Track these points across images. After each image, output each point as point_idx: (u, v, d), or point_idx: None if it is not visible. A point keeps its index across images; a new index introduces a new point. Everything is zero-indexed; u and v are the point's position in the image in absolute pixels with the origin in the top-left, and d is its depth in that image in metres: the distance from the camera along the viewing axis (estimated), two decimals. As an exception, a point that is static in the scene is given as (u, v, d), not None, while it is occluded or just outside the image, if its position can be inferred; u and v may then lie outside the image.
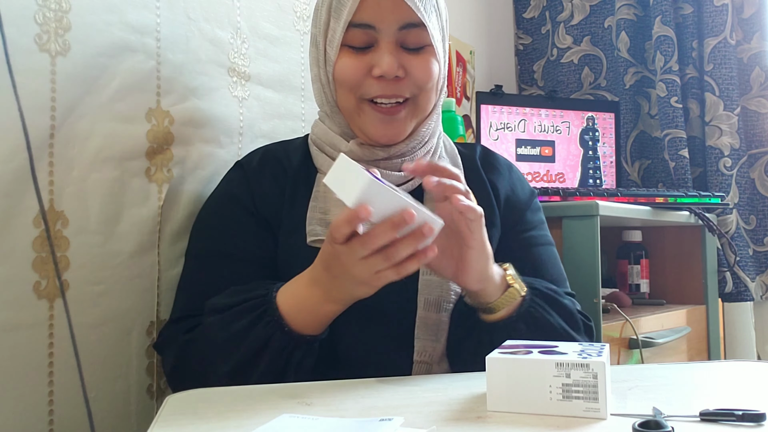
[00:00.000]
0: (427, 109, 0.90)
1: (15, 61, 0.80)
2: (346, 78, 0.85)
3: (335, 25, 0.85)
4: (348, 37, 0.84)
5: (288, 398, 0.65)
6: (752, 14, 1.93)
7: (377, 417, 0.56)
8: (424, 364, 0.83)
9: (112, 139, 0.92)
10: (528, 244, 0.94)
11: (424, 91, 0.87)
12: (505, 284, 0.81)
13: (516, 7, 2.26)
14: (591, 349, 0.61)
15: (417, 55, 0.86)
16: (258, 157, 0.95)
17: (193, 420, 0.59)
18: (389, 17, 0.83)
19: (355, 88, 0.86)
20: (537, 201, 1.01)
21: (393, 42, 0.84)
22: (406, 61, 0.85)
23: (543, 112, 1.86)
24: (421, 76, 0.86)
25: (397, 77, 0.84)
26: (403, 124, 0.88)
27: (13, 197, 0.80)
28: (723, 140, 1.88)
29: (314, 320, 0.76)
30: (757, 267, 1.91)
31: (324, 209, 0.87)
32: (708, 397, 0.64)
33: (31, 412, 0.83)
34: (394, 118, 0.86)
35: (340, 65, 0.85)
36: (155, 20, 0.98)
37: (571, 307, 0.85)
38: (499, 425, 0.55)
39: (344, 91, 0.87)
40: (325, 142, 0.92)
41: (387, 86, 0.85)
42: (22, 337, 0.82)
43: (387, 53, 0.83)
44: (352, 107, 0.87)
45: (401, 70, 0.84)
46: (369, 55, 0.85)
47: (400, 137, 0.89)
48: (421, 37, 0.85)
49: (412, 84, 0.86)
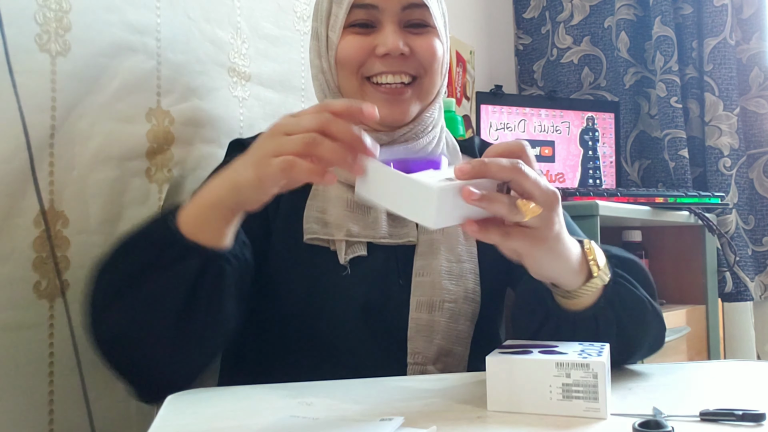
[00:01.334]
0: (431, 92, 0.89)
1: (15, 61, 0.80)
2: (349, 57, 0.85)
3: (337, 9, 0.86)
4: (351, 19, 0.85)
5: (288, 398, 0.65)
6: (751, 15, 1.93)
7: (377, 417, 0.56)
8: (417, 365, 0.82)
9: (112, 139, 0.92)
10: None
11: (428, 72, 0.87)
12: (586, 270, 0.69)
13: (516, 7, 2.26)
14: (591, 349, 0.61)
15: (420, 35, 0.86)
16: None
17: (193, 420, 0.59)
18: None
19: (359, 67, 0.86)
20: None
21: (396, 22, 0.85)
22: (411, 41, 0.85)
23: (543, 112, 1.86)
24: (426, 55, 0.86)
25: (402, 55, 0.84)
26: (408, 104, 0.87)
27: (14, 197, 0.80)
28: (722, 140, 1.88)
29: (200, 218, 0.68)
30: (756, 267, 1.91)
31: (322, 208, 0.86)
32: (708, 397, 0.64)
33: (31, 412, 0.83)
34: (399, 98, 0.86)
35: (343, 45, 0.85)
36: (155, 20, 0.98)
37: (645, 269, 0.79)
38: (499, 425, 0.55)
39: (347, 73, 0.86)
40: None
41: (392, 63, 0.85)
42: (22, 337, 0.82)
43: (391, 32, 0.84)
44: (355, 89, 0.87)
45: (406, 48, 0.84)
46: (372, 35, 0.85)
47: (406, 118, 0.88)
48: (423, 16, 0.85)
49: (417, 63, 0.86)
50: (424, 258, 0.85)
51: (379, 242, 0.85)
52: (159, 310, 0.68)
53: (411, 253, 0.86)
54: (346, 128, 0.61)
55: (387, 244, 0.85)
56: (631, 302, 0.73)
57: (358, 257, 0.83)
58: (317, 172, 0.60)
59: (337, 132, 0.61)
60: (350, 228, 0.84)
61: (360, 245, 0.84)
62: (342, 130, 0.61)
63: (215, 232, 0.68)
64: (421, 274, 0.84)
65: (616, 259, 0.75)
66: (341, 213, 0.84)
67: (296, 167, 0.60)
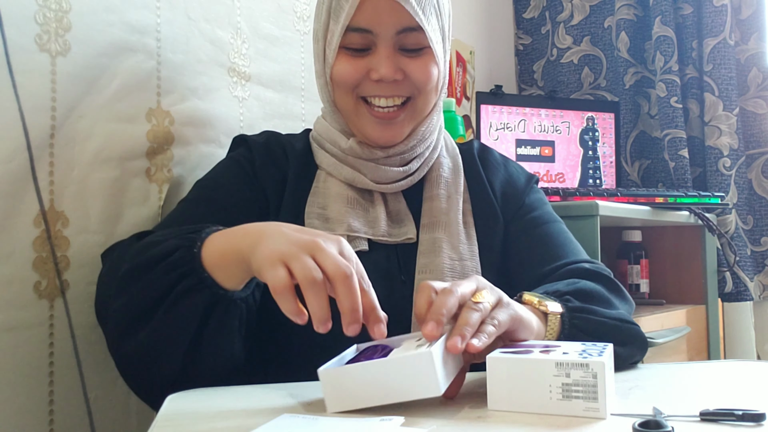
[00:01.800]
0: (425, 110, 0.90)
1: (15, 61, 0.80)
2: (343, 81, 0.86)
3: (334, 27, 0.86)
4: (346, 41, 0.85)
5: (288, 398, 0.65)
6: (750, 15, 1.93)
7: (377, 417, 0.56)
8: None
9: (112, 139, 0.92)
10: (532, 225, 0.94)
11: (422, 93, 0.88)
12: (541, 314, 0.73)
13: (516, 7, 2.26)
14: (592, 349, 0.61)
15: (415, 57, 0.86)
16: (263, 138, 0.95)
17: (193, 420, 0.59)
18: (387, 21, 0.83)
19: (353, 89, 0.87)
20: (536, 185, 1.01)
21: (391, 46, 0.85)
22: (405, 64, 0.86)
23: (543, 112, 1.86)
24: (420, 79, 0.86)
25: (396, 80, 0.85)
26: (401, 127, 0.89)
27: (14, 197, 0.80)
28: (722, 140, 1.88)
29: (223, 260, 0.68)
30: (755, 267, 1.91)
31: (323, 204, 0.88)
32: (708, 397, 0.64)
33: (31, 412, 0.83)
34: (392, 122, 0.87)
35: (338, 68, 0.86)
36: (155, 20, 0.98)
37: (600, 291, 0.81)
38: (499, 425, 0.55)
39: (342, 92, 0.88)
40: (326, 139, 0.92)
41: (385, 87, 0.86)
42: (23, 337, 0.82)
43: (385, 57, 0.84)
44: (350, 108, 0.88)
45: (399, 73, 0.85)
46: (367, 58, 0.85)
47: (398, 139, 0.89)
48: (419, 39, 0.85)
49: (411, 86, 0.87)
50: (427, 256, 0.86)
51: (380, 240, 0.87)
52: (172, 340, 0.69)
53: (411, 251, 0.88)
54: (353, 302, 0.60)
55: (387, 242, 0.87)
56: (594, 330, 0.73)
57: (360, 253, 0.84)
58: (295, 313, 0.60)
59: (342, 296, 0.60)
60: (351, 223, 0.85)
61: (361, 240, 0.85)
62: (349, 300, 0.60)
63: (231, 276, 0.69)
64: (423, 272, 0.85)
65: (569, 294, 0.76)
66: (342, 209, 0.86)
67: (283, 297, 0.60)
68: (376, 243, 0.86)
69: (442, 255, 0.86)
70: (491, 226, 0.93)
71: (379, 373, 0.57)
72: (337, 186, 0.88)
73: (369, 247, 0.85)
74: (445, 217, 0.89)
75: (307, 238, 0.62)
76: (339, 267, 0.60)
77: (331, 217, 0.86)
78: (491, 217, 0.94)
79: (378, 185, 0.89)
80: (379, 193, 0.90)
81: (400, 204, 0.91)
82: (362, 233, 0.85)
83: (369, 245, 0.86)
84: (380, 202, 0.89)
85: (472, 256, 0.88)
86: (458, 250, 0.87)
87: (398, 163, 0.91)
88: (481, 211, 0.93)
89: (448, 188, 0.93)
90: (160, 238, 0.72)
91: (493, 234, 0.93)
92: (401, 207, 0.91)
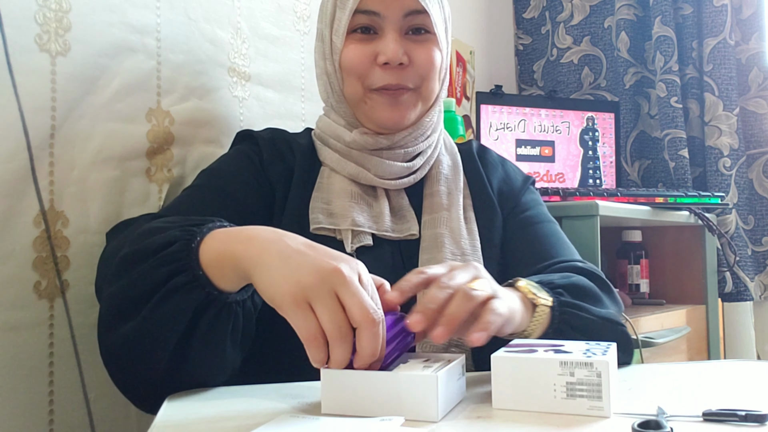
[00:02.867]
0: (429, 97, 0.92)
1: (15, 61, 0.80)
2: (352, 65, 0.88)
3: (341, 14, 0.88)
4: (353, 24, 0.87)
5: (288, 398, 0.65)
6: (750, 15, 1.93)
7: (377, 417, 0.55)
8: None
9: (112, 139, 0.92)
10: (526, 224, 0.95)
11: (426, 80, 0.90)
12: (530, 304, 0.73)
13: (516, 7, 2.26)
14: (597, 348, 0.61)
15: (420, 43, 0.89)
16: (269, 134, 0.95)
17: (193, 420, 0.59)
18: (394, 4, 0.86)
19: (362, 77, 0.88)
20: (532, 186, 1.02)
21: (397, 29, 0.87)
22: (410, 49, 0.88)
23: (543, 112, 1.86)
24: (424, 65, 0.88)
25: (401, 64, 0.87)
26: (407, 108, 0.90)
27: (14, 197, 0.80)
28: (722, 140, 1.88)
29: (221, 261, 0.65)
30: (756, 267, 1.91)
31: (327, 199, 0.88)
32: (709, 397, 0.64)
33: (31, 412, 0.83)
34: (400, 100, 0.89)
35: (346, 53, 0.88)
36: (155, 20, 0.98)
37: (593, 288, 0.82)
38: (503, 423, 0.55)
39: (351, 79, 0.89)
40: (330, 135, 0.93)
41: (392, 75, 0.87)
42: (22, 337, 0.82)
43: (392, 41, 0.86)
44: (359, 96, 0.90)
45: (405, 57, 0.87)
46: (374, 43, 0.88)
47: (405, 121, 0.90)
48: (425, 22, 0.88)
49: (415, 73, 0.88)
50: (429, 252, 0.87)
51: (384, 235, 0.88)
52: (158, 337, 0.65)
53: (414, 247, 0.89)
54: (374, 349, 0.56)
55: (390, 238, 0.88)
56: (583, 327, 0.74)
57: (364, 248, 0.85)
58: (322, 363, 0.57)
59: (366, 343, 0.56)
60: (355, 218, 0.86)
61: (365, 235, 0.86)
62: (372, 347, 0.56)
63: (225, 278, 0.65)
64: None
65: (562, 288, 0.77)
66: (346, 204, 0.87)
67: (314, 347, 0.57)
68: (379, 238, 0.87)
69: (444, 250, 0.87)
70: (491, 220, 0.94)
71: (380, 384, 0.56)
72: (340, 182, 0.89)
73: (374, 243, 0.86)
74: (446, 213, 0.90)
75: (326, 266, 0.58)
76: (368, 313, 0.56)
77: (335, 212, 0.87)
78: (491, 213, 0.95)
79: (381, 181, 0.90)
80: (383, 189, 0.91)
81: (403, 200, 0.92)
82: (366, 228, 0.86)
83: (373, 240, 0.86)
84: (383, 198, 0.90)
85: (474, 251, 0.89)
86: (460, 245, 0.88)
87: (402, 157, 0.91)
88: (481, 206, 0.95)
89: (449, 185, 0.94)
90: (163, 225, 0.70)
91: (493, 228, 0.94)
92: (404, 203, 0.92)
